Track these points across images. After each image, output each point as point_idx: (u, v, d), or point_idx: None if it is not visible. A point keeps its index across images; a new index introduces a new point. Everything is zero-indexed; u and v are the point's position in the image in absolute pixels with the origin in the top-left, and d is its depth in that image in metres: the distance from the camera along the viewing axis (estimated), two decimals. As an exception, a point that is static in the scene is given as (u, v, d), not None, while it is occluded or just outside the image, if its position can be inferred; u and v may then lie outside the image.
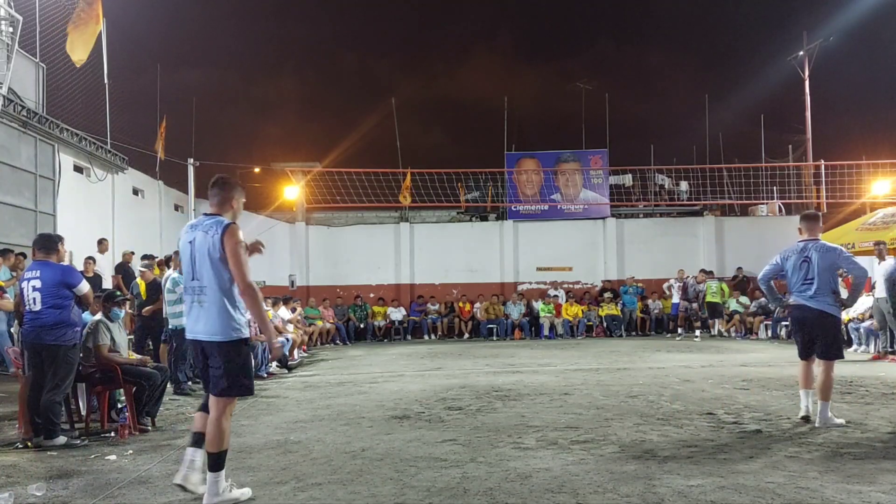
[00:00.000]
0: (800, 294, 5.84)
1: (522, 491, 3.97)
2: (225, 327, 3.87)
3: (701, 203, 20.61)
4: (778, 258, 6.11)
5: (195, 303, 3.94)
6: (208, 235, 3.88)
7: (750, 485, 3.98)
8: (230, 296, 3.90)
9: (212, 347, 3.91)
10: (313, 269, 20.32)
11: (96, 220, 13.67)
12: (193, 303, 3.95)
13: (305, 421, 6.42)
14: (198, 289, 3.92)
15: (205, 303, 3.89)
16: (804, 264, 5.79)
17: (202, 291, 3.90)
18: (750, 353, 12.33)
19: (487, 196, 21.97)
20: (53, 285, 5.65)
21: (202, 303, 3.90)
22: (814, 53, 22.80)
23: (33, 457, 5.21)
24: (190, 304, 3.99)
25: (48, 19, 12.73)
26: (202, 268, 3.89)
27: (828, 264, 5.73)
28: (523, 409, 6.69)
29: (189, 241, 3.97)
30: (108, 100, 14.55)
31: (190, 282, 3.96)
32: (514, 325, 17.94)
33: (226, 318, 3.87)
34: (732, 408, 6.57)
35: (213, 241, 3.85)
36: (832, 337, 5.82)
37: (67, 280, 5.75)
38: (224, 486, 3.90)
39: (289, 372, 10.89)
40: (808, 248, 5.84)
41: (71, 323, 5.71)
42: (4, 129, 11.20)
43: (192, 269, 3.94)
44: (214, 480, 3.86)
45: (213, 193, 4.07)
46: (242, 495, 3.97)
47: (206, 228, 3.91)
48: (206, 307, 3.89)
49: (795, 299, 5.91)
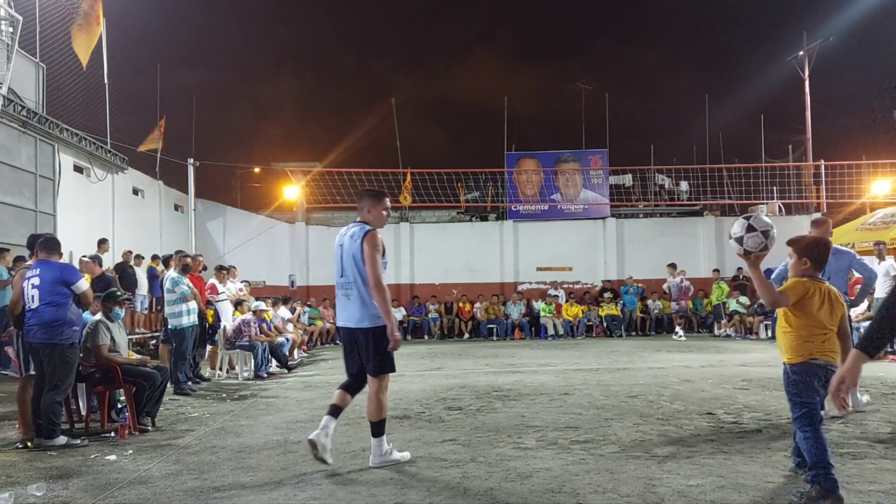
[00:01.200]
0: None
1: (522, 491, 3.97)
2: (369, 315, 4.54)
3: (701, 203, 20.63)
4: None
5: (343, 296, 4.66)
6: (353, 239, 4.60)
7: (750, 485, 3.98)
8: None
9: (360, 333, 4.59)
10: (313, 269, 20.32)
11: (96, 220, 13.68)
12: (342, 296, 4.67)
13: (305, 421, 6.42)
14: (345, 284, 4.64)
15: (351, 296, 4.60)
16: None
17: (349, 287, 4.61)
18: (750, 353, 12.33)
19: (487, 196, 21.99)
20: (51, 282, 5.66)
21: (349, 296, 4.62)
22: (814, 53, 22.82)
23: (33, 457, 5.20)
24: (339, 297, 4.71)
25: (48, 19, 12.74)
26: (348, 267, 4.61)
27: (841, 266, 5.94)
28: (523, 409, 6.69)
29: (339, 245, 4.71)
30: (109, 100, 14.56)
31: (339, 279, 4.69)
32: (514, 325, 17.94)
33: (369, 308, 4.54)
34: (732, 408, 6.56)
35: (356, 244, 4.55)
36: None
37: (65, 277, 5.75)
38: (386, 449, 4.63)
39: (289, 372, 10.89)
40: None
41: (68, 321, 5.68)
42: (4, 129, 11.20)
43: (341, 268, 4.66)
44: (378, 444, 4.61)
45: (358, 205, 4.82)
46: (403, 457, 4.67)
47: (352, 234, 4.65)
48: (351, 300, 4.60)
49: None
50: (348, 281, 4.60)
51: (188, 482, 4.36)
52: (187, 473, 4.58)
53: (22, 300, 5.77)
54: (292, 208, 21.11)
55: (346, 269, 4.61)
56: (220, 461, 4.90)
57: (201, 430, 6.10)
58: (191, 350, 9.03)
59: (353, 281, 4.56)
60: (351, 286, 4.58)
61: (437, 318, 18.66)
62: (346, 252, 4.60)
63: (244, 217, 20.19)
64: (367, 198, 4.76)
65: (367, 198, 4.76)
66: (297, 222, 20.68)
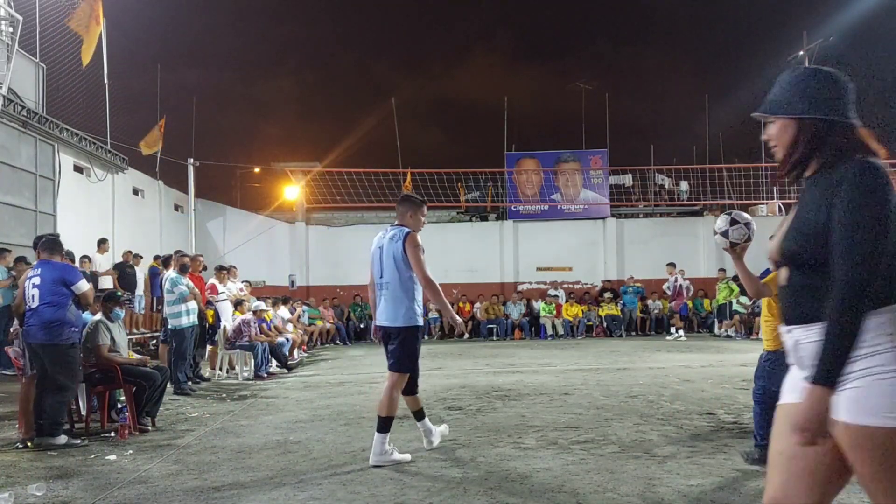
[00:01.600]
0: None
1: (522, 491, 3.97)
2: (401, 315, 4.75)
3: (701, 203, 20.63)
4: None
5: (381, 296, 4.85)
6: (393, 241, 4.80)
7: (750, 485, 3.98)
8: (407, 290, 4.76)
9: (393, 331, 4.79)
10: (313, 270, 20.31)
11: (96, 220, 13.67)
12: (381, 296, 4.86)
13: (305, 421, 6.42)
14: (383, 284, 4.83)
15: (387, 296, 4.79)
16: None
17: (386, 287, 4.80)
18: (750, 353, 12.31)
19: (487, 196, 21.98)
20: (52, 282, 5.67)
21: (385, 296, 4.81)
22: (814, 53, 22.79)
23: (33, 457, 5.20)
24: (378, 297, 4.90)
25: (48, 19, 12.74)
26: (387, 267, 4.80)
27: None
28: (523, 409, 6.69)
29: (379, 247, 4.90)
30: (109, 100, 14.56)
31: (378, 279, 4.89)
32: (514, 325, 17.94)
33: (403, 308, 4.75)
34: (732, 408, 6.57)
35: (397, 246, 4.75)
36: None
37: (66, 277, 5.76)
38: (388, 448, 4.67)
39: (289, 372, 10.89)
40: None
41: (67, 321, 5.69)
42: (4, 129, 11.20)
43: (381, 269, 4.85)
44: (380, 441, 4.66)
45: (397, 210, 5.04)
46: (403, 459, 4.73)
47: (392, 236, 4.84)
48: (388, 299, 4.79)
49: None
50: (386, 281, 4.81)
51: (188, 482, 4.36)
52: (187, 473, 4.58)
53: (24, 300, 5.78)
54: (292, 208, 21.10)
55: (385, 269, 4.82)
56: (220, 461, 4.90)
57: (201, 430, 6.10)
58: (191, 350, 9.03)
59: (390, 281, 4.77)
60: (388, 286, 4.79)
61: (437, 319, 18.65)
62: (386, 253, 4.82)
63: (244, 217, 20.19)
64: (407, 203, 5.01)
65: (407, 203, 5.01)
66: (297, 222, 20.67)
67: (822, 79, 1.94)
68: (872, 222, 1.75)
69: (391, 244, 4.80)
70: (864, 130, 1.94)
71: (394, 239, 4.81)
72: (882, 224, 1.75)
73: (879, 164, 1.84)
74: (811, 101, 1.92)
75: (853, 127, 1.93)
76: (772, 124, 2.01)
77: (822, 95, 1.92)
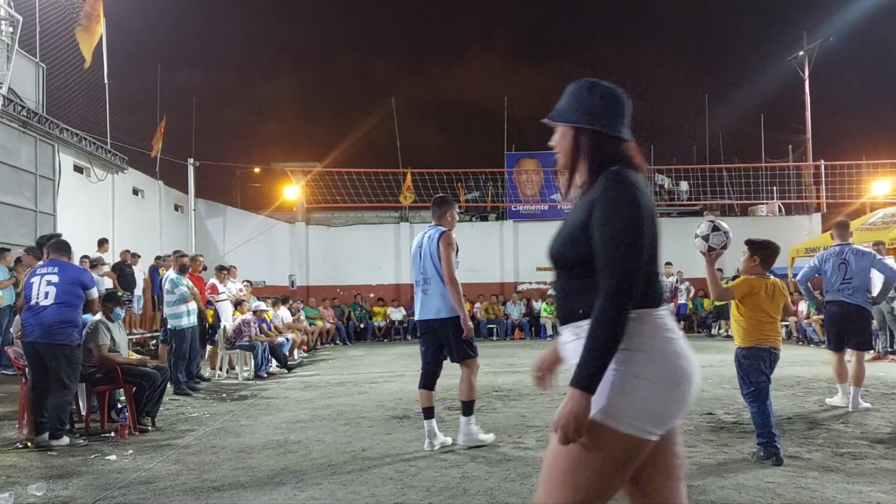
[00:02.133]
0: (839, 292, 6.50)
1: (522, 491, 3.97)
2: (447, 307, 5.02)
3: (701, 203, 20.61)
4: (816, 261, 6.82)
5: (421, 292, 5.14)
6: (431, 241, 5.13)
7: (750, 485, 3.98)
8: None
9: (440, 324, 5.06)
10: (313, 270, 20.31)
11: (96, 220, 13.67)
12: (420, 293, 5.15)
13: (305, 421, 6.42)
14: (423, 281, 5.12)
15: (429, 291, 5.09)
16: (842, 266, 6.50)
17: (427, 283, 5.10)
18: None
19: (487, 196, 21.97)
20: (70, 283, 5.73)
21: (426, 292, 5.11)
22: (814, 53, 22.80)
23: (33, 457, 5.20)
24: (418, 294, 5.18)
25: (48, 19, 12.73)
26: (427, 265, 5.11)
27: (863, 266, 6.46)
28: (523, 409, 6.69)
29: (419, 246, 5.21)
30: (108, 100, 14.55)
31: (418, 276, 5.18)
32: (514, 325, 17.94)
33: (446, 300, 5.03)
34: (732, 408, 6.57)
35: (433, 244, 5.09)
36: (867, 330, 6.70)
37: (84, 280, 5.88)
38: (475, 429, 5.05)
39: (289, 372, 10.89)
40: (845, 251, 6.57)
41: (76, 323, 5.76)
42: (4, 128, 11.20)
43: (421, 267, 5.14)
44: (466, 422, 5.06)
45: (434, 212, 5.34)
46: (488, 439, 5.08)
47: (430, 236, 5.17)
48: (429, 294, 5.09)
49: (835, 296, 6.53)
50: (426, 278, 5.11)
51: (188, 482, 4.36)
52: (187, 473, 4.58)
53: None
54: (292, 208, 21.09)
55: (425, 267, 5.12)
56: (220, 461, 4.90)
57: (201, 430, 6.10)
58: (196, 350, 9.05)
59: (432, 277, 5.07)
60: (430, 282, 5.09)
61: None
62: (426, 252, 5.13)
63: (244, 217, 20.18)
64: (444, 205, 5.33)
65: (444, 205, 5.33)
66: (297, 222, 20.66)
67: (598, 92, 2.02)
68: (623, 235, 1.82)
69: (430, 243, 5.13)
70: (634, 146, 2.02)
71: (431, 239, 5.14)
72: (632, 236, 1.83)
73: (629, 176, 1.90)
74: (586, 112, 2.00)
75: (622, 140, 2.00)
76: (556, 132, 2.09)
77: (595, 108, 2.00)
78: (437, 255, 5.05)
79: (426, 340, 5.23)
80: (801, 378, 8.49)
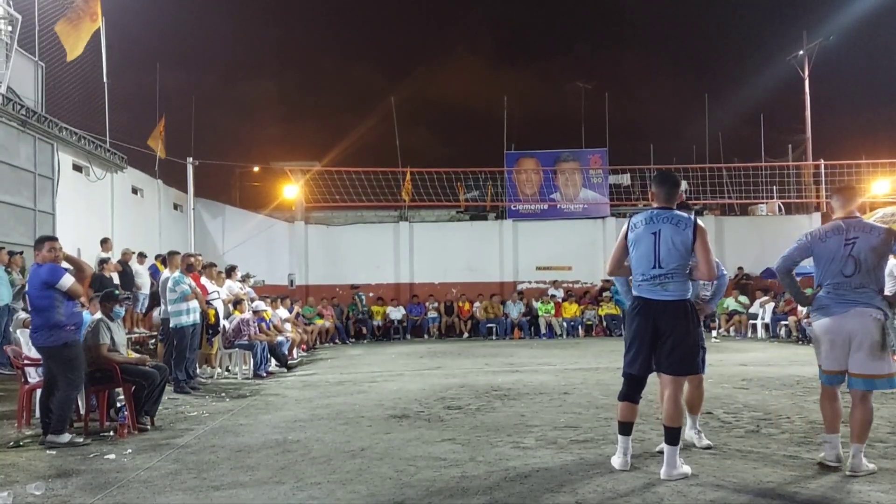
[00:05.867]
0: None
1: (522, 490, 3.97)
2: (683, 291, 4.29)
3: (701, 203, 20.60)
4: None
5: (658, 286, 4.26)
6: (679, 228, 4.23)
7: (750, 485, 3.98)
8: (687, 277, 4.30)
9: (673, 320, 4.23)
10: (312, 269, 20.32)
11: (95, 219, 13.65)
12: (656, 287, 4.27)
13: (304, 420, 6.42)
14: (661, 275, 4.25)
15: (669, 286, 4.24)
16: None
17: (666, 277, 4.24)
18: (749, 353, 12.32)
19: (487, 195, 21.96)
20: (37, 288, 5.63)
21: (666, 286, 4.25)
22: (814, 53, 22.81)
23: (32, 456, 5.20)
24: (650, 289, 4.30)
25: (47, 18, 12.70)
26: (669, 256, 4.22)
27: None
28: (523, 409, 6.69)
29: (653, 233, 4.28)
30: (108, 99, 14.53)
31: (650, 269, 4.28)
32: (514, 324, 17.93)
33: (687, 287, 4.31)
34: (732, 407, 6.56)
35: (687, 234, 4.21)
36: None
37: (47, 279, 5.61)
38: (679, 461, 4.18)
39: (288, 371, 10.89)
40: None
41: (55, 324, 5.58)
42: (3, 128, 11.18)
43: (656, 258, 4.25)
44: (673, 453, 4.16)
45: (664, 190, 4.43)
46: (687, 472, 4.18)
47: (675, 222, 4.26)
48: (670, 290, 4.24)
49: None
50: (665, 271, 4.25)
51: (187, 481, 4.35)
52: (186, 472, 4.57)
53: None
54: (291, 207, 21.09)
55: (666, 258, 4.24)
56: (220, 460, 4.90)
57: (200, 430, 6.10)
58: (195, 347, 9.04)
59: (675, 270, 4.24)
60: (670, 276, 4.25)
61: (437, 318, 18.64)
62: (667, 241, 4.25)
63: (243, 216, 20.16)
64: (676, 184, 4.58)
65: (676, 184, 4.58)
66: (297, 221, 20.66)
67: None
68: None
69: (677, 230, 4.24)
70: None
71: (679, 225, 4.25)
72: None
73: None
74: None
75: None
76: None
77: None
78: (690, 247, 4.22)
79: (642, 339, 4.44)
80: (801, 378, 8.49)
